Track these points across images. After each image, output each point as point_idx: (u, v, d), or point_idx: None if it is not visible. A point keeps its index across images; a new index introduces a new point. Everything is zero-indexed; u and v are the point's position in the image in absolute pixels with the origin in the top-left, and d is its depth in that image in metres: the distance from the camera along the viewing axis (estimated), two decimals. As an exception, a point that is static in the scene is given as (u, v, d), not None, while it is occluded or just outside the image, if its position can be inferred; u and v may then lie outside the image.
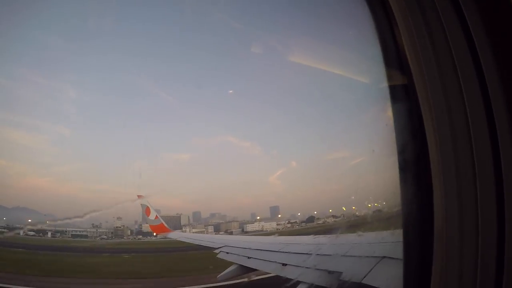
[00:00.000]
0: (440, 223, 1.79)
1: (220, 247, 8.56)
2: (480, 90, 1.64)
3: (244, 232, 28.77)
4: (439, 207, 1.79)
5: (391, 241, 5.63)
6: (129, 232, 26.27)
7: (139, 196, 17.86)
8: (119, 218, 25.34)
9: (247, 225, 29.43)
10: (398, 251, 4.99)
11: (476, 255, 1.66)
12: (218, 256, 8.35)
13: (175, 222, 28.75)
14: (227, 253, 8.14)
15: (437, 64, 1.75)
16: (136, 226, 26.17)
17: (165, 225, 16.44)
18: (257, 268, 7.05)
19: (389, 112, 2.16)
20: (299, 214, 27.99)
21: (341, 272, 5.67)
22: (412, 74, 1.87)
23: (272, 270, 6.79)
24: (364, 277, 5.18)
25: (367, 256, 5.63)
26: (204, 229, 28.80)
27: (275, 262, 6.85)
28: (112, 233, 25.17)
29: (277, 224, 28.78)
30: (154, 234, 17.34)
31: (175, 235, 15.81)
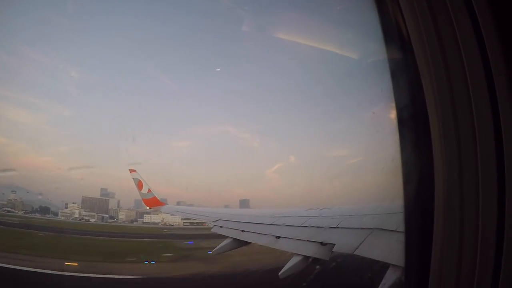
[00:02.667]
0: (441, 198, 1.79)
1: (214, 221, 8.66)
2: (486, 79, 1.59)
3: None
4: (440, 183, 1.79)
5: (381, 213, 5.74)
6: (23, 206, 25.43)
7: (131, 170, 17.77)
8: (13, 191, 24.92)
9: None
10: (388, 223, 5.11)
11: (476, 234, 1.66)
12: (212, 230, 8.45)
13: (100, 206, 28.73)
14: (221, 227, 8.23)
15: (442, 49, 1.68)
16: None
17: (158, 198, 16.47)
18: (251, 242, 7.16)
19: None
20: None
21: (334, 244, 5.79)
22: (418, 68, 1.81)
23: (266, 243, 6.90)
24: (356, 248, 5.30)
25: (359, 228, 5.75)
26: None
27: (269, 235, 6.96)
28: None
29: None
30: (147, 207, 17.37)
31: (168, 208, 15.87)
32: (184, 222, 27.76)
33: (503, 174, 1.58)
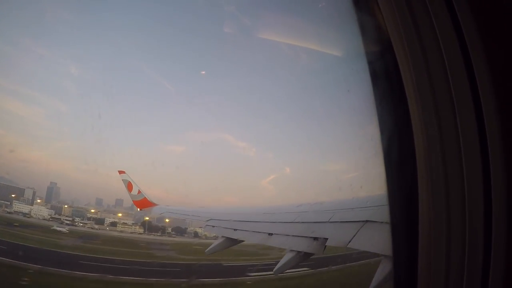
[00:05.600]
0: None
1: (206, 221, 8.58)
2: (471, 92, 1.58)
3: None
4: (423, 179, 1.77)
5: (372, 205, 5.76)
6: None
7: (120, 172, 17.54)
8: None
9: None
10: (380, 214, 5.13)
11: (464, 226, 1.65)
12: (204, 230, 8.39)
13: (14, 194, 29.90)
14: (213, 226, 8.17)
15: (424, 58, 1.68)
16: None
17: (149, 199, 16.28)
18: (244, 240, 7.13)
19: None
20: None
21: (327, 238, 5.79)
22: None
23: (258, 241, 6.87)
24: (349, 241, 5.30)
25: (351, 221, 5.76)
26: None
27: (261, 232, 6.94)
28: None
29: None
30: (138, 209, 17.16)
31: (159, 209, 15.67)
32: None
33: (488, 160, 1.58)
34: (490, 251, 1.58)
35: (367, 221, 5.47)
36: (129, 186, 16.52)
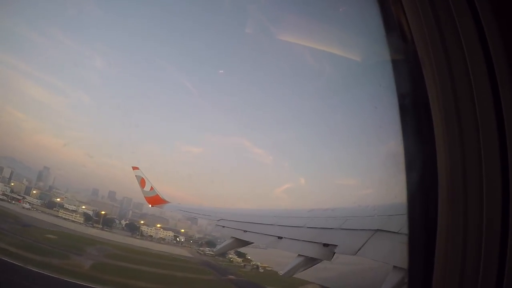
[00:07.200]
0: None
1: (217, 221, 8.63)
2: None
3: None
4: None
5: (385, 214, 5.71)
6: None
7: (134, 168, 17.82)
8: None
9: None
10: (392, 224, 5.09)
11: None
12: (215, 229, 8.43)
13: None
14: (223, 226, 8.21)
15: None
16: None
17: (161, 196, 16.45)
18: (253, 242, 7.15)
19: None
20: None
21: (336, 245, 5.76)
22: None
23: (268, 244, 6.88)
24: (359, 249, 5.27)
25: (362, 229, 5.71)
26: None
27: (271, 235, 6.94)
28: None
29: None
30: (150, 205, 17.36)
31: (171, 207, 15.82)
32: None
33: (507, 174, 1.57)
34: (504, 269, 1.58)
35: (378, 230, 5.42)
36: (142, 182, 16.75)
